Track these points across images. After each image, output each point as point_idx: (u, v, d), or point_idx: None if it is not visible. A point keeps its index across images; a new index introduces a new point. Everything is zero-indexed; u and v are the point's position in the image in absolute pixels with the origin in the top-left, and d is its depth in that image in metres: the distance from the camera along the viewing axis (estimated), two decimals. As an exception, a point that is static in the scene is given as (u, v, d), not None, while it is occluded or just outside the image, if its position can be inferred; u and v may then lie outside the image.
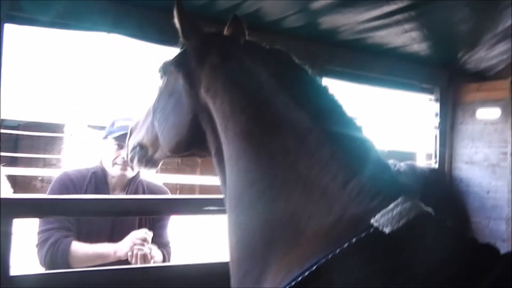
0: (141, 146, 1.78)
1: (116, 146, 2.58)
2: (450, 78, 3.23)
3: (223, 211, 2.29)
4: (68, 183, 2.46)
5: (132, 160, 1.81)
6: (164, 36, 2.19)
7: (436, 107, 3.27)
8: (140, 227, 2.44)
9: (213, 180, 8.56)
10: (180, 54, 1.63)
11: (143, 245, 2.29)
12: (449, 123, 3.27)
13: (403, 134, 11.59)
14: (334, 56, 2.74)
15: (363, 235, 1.03)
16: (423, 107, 3.42)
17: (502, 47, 3.02)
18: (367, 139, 1.28)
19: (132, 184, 2.62)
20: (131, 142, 1.83)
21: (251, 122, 1.37)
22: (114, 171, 2.57)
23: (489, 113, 3.12)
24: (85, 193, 2.37)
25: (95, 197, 2.18)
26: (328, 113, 1.32)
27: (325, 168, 1.19)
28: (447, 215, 1.15)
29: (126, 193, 2.58)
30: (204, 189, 9.97)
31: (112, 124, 2.68)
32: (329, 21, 2.49)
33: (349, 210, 1.11)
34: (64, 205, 2.01)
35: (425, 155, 13.65)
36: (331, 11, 2.37)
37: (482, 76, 3.27)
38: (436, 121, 3.26)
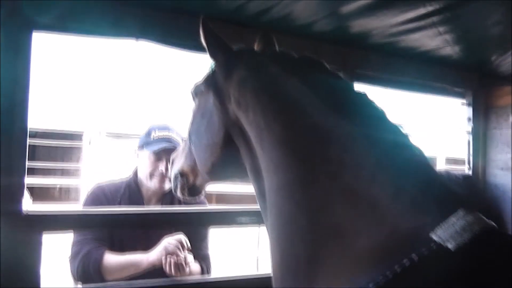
0: (182, 174, 1.76)
1: (153, 158, 2.52)
2: (482, 82, 3.15)
3: (256, 222, 2.27)
4: (101, 196, 2.42)
5: (175, 189, 1.80)
6: (190, 41, 2.17)
7: (468, 111, 3.18)
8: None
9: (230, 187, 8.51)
10: (209, 73, 1.61)
11: (176, 250, 2.23)
12: (482, 128, 3.19)
13: (423, 138, 11.46)
14: (365, 60, 2.67)
15: (424, 250, 0.95)
16: (450, 111, 3.33)
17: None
18: (415, 146, 1.21)
19: (168, 195, 2.55)
20: (173, 171, 1.81)
21: (288, 131, 1.30)
22: (151, 184, 2.51)
23: (525, 117, 3.03)
24: (119, 205, 2.32)
25: (127, 210, 2.13)
26: (370, 120, 1.25)
27: (372, 179, 1.12)
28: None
29: (161, 204, 2.53)
30: (220, 197, 9.93)
31: (148, 134, 2.60)
32: (360, 25, 2.42)
33: (402, 224, 1.04)
34: (95, 218, 1.97)
35: (444, 159, 13.52)
36: (363, 14, 2.30)
37: (515, 78, 3.18)
38: (469, 126, 3.17)
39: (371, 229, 1.07)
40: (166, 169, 2.51)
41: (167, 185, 2.55)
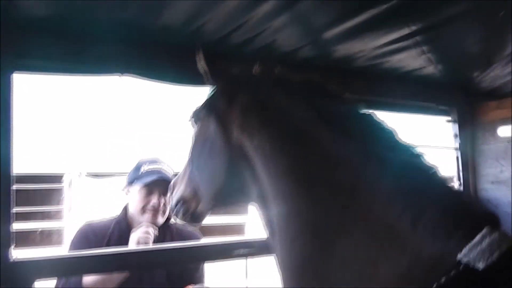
0: (183, 201, 1.71)
1: (144, 192, 2.45)
2: (466, 98, 3.18)
3: (255, 254, 2.21)
4: (90, 234, 2.33)
5: (177, 216, 1.76)
6: (175, 74, 2.14)
7: (454, 128, 3.20)
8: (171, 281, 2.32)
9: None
10: (209, 98, 1.59)
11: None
12: (469, 144, 3.20)
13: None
14: (350, 84, 2.67)
15: (452, 273, 0.91)
16: (438, 129, 3.34)
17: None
18: (429, 167, 1.18)
19: (161, 231, 2.48)
20: (174, 197, 1.76)
21: (296, 158, 1.27)
22: (143, 219, 2.43)
23: (510, 131, 3.06)
24: (108, 244, 2.23)
25: (115, 251, 2.05)
26: (380, 142, 1.22)
27: (388, 204, 1.08)
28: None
29: (154, 242, 2.46)
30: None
31: (138, 168, 2.54)
32: (344, 49, 2.43)
33: (425, 249, 1.00)
34: (85, 261, 1.88)
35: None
36: (346, 38, 2.31)
37: (499, 93, 3.21)
38: (456, 142, 3.18)
39: (391, 258, 1.03)
40: (159, 202, 2.47)
41: (160, 219, 2.49)
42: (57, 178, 7.32)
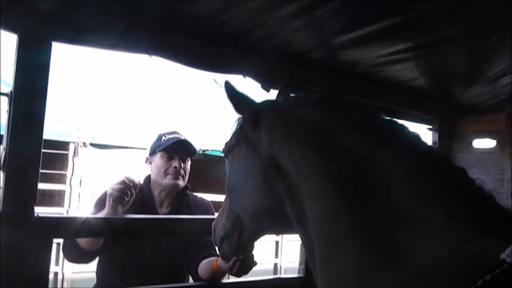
0: (227, 235, 1.62)
1: (166, 157, 2.41)
2: (448, 111, 3.18)
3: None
4: None
5: (224, 254, 1.68)
6: (203, 60, 2.08)
7: (434, 136, 3.20)
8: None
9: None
10: (236, 130, 1.57)
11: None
12: (446, 152, 3.20)
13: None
14: (351, 87, 2.64)
15: (497, 271, 0.86)
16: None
17: (494, 85, 3.00)
18: (460, 167, 1.14)
19: (178, 200, 2.44)
20: (217, 237, 1.67)
21: (326, 160, 1.22)
22: (165, 181, 2.39)
23: (485, 143, 3.07)
24: (130, 208, 2.16)
25: (137, 216, 1.98)
26: (408, 144, 1.17)
27: (423, 202, 1.04)
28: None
29: (172, 208, 2.40)
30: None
31: (159, 139, 2.50)
32: (351, 55, 2.39)
33: (462, 245, 0.95)
34: (105, 224, 1.82)
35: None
36: (354, 45, 2.27)
37: (476, 109, 3.22)
38: (435, 149, 3.19)
39: (426, 251, 0.99)
40: (180, 166, 2.43)
41: (181, 182, 2.44)
42: (63, 145, 7.15)
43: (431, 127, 3.21)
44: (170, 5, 1.84)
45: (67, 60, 6.57)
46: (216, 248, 1.77)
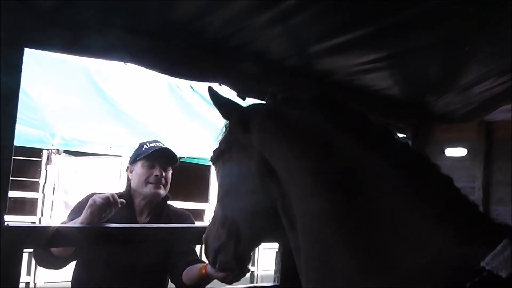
0: (223, 245, 1.53)
1: (147, 166, 2.39)
2: (421, 119, 3.24)
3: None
4: None
5: (221, 266, 1.58)
6: (181, 68, 2.07)
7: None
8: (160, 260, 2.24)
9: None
10: (225, 135, 1.55)
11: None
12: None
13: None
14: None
15: (477, 279, 0.87)
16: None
17: (466, 94, 3.07)
18: (446, 176, 1.14)
19: (158, 209, 2.42)
20: (211, 247, 1.58)
21: (316, 160, 1.22)
22: (146, 190, 2.35)
23: (456, 152, 3.13)
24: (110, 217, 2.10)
25: (106, 226, 1.94)
26: (398, 150, 1.18)
27: (411, 207, 1.04)
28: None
29: (151, 218, 2.37)
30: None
31: (140, 147, 2.47)
32: (327, 63, 2.42)
33: (445, 251, 0.96)
34: (78, 233, 1.78)
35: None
36: (330, 53, 2.30)
37: (448, 118, 3.29)
38: (408, 156, 3.23)
39: (412, 253, 0.99)
40: (161, 174, 2.41)
41: (162, 191, 2.41)
42: (36, 152, 7.00)
43: (404, 135, 3.26)
44: (145, 12, 1.83)
45: (42, 64, 6.46)
46: (207, 260, 1.70)
